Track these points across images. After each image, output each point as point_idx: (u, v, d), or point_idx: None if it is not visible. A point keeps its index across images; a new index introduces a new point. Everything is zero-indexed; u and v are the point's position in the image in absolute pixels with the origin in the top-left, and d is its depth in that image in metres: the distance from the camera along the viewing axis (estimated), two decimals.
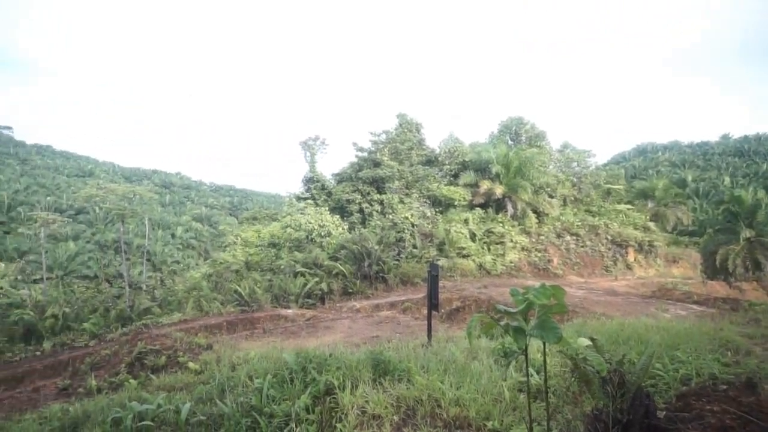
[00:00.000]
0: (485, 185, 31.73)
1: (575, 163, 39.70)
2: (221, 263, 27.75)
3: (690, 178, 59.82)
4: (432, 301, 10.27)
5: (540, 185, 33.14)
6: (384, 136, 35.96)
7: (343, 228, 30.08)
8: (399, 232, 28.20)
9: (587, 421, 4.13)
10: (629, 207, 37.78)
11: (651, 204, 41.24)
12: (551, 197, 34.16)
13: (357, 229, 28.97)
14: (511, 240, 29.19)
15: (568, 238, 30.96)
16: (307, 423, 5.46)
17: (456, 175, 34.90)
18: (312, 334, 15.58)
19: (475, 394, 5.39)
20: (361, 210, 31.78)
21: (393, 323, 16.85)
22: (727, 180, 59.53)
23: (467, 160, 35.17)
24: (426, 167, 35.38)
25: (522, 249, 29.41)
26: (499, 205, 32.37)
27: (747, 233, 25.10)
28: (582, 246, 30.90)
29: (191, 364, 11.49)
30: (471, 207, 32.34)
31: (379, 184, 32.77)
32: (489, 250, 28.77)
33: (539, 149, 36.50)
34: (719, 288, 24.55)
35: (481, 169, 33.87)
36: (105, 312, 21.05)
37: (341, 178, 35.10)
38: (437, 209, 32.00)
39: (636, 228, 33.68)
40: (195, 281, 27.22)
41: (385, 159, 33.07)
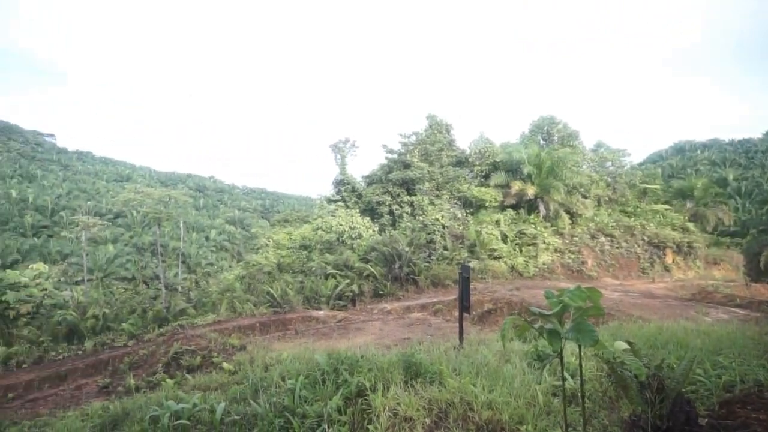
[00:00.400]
0: (517, 186, 31.33)
1: (609, 163, 38.79)
2: (254, 265, 28.18)
3: (731, 176, 57.62)
4: (463, 303, 10.19)
5: (573, 185, 32.51)
6: (414, 137, 35.94)
7: (374, 230, 30.16)
8: (429, 233, 28.10)
9: (625, 427, 4.03)
10: (667, 207, 36.72)
11: (690, 204, 39.94)
12: (585, 198, 33.49)
13: (387, 231, 29.01)
14: (544, 241, 28.73)
15: (602, 239, 30.28)
16: (339, 424, 5.47)
17: (487, 176, 34.56)
18: (343, 335, 15.66)
19: (508, 397, 5.32)
20: (392, 212, 31.80)
21: (424, 325, 16.80)
22: None
23: (498, 160, 34.79)
24: (456, 168, 35.17)
25: (555, 250, 28.92)
26: (531, 206, 31.91)
27: None
28: (617, 247, 30.18)
29: (225, 364, 11.70)
30: (502, 208, 31.97)
31: (410, 185, 32.73)
32: (521, 251, 28.40)
33: (572, 149, 35.83)
34: (764, 291, 23.57)
35: (513, 170, 33.45)
36: (143, 313, 21.62)
37: (371, 180, 35.20)
38: (468, 210, 31.76)
39: (674, 229, 32.71)
40: (228, 283, 27.74)
41: (415, 160, 33.03)
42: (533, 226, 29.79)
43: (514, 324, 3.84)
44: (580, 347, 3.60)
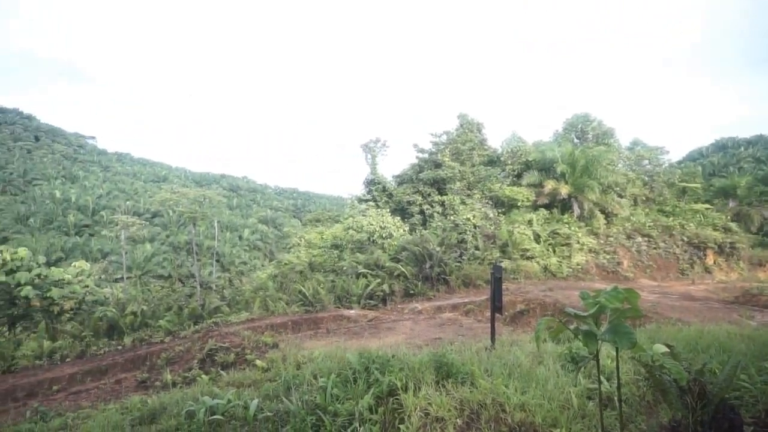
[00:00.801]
0: (550, 185, 30.79)
1: (646, 161, 37.74)
2: (286, 264, 28.50)
3: None
4: (495, 304, 10.06)
5: (608, 184, 31.74)
6: (445, 137, 35.76)
7: (404, 229, 30.11)
8: (461, 233, 27.88)
9: None
10: (707, 206, 35.43)
11: (732, 203, 38.53)
12: (620, 197, 32.67)
13: (418, 231, 28.91)
14: (578, 241, 28.14)
15: (639, 239, 29.45)
16: (371, 423, 5.49)
17: (519, 175, 34.07)
18: (374, 334, 15.69)
19: (541, 399, 5.24)
20: (422, 211, 31.69)
21: (455, 325, 16.68)
22: None
23: (531, 159, 34.24)
24: (488, 167, 34.82)
25: (589, 251, 28.28)
26: (565, 206, 31.30)
27: None
28: (654, 248, 29.31)
29: (258, 361, 11.87)
30: (535, 207, 31.47)
31: (440, 185, 32.57)
32: (554, 251, 27.89)
33: (607, 147, 34.98)
34: None
35: (546, 169, 32.88)
36: (179, 310, 22.08)
37: (402, 179, 35.17)
38: (500, 210, 31.37)
39: (715, 229, 31.55)
40: (261, 281, 28.10)
41: (446, 160, 32.83)
42: (567, 225, 29.21)
43: (548, 325, 3.77)
44: (617, 349, 3.51)
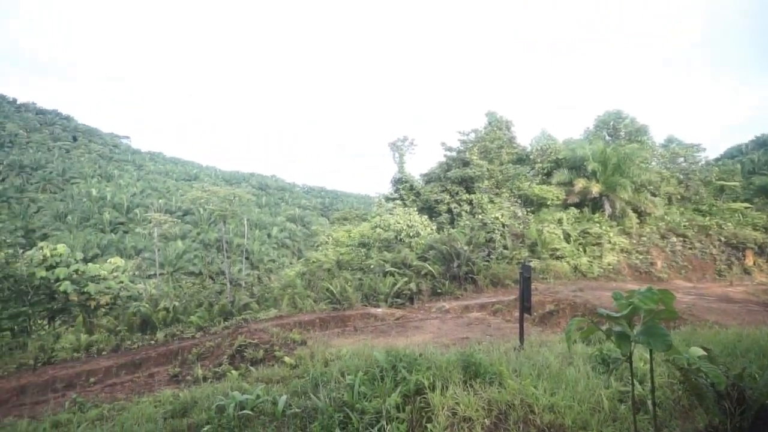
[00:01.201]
0: (580, 183, 30.23)
1: (682, 159, 36.69)
2: (314, 262, 28.75)
3: None
4: (524, 304, 9.94)
5: (641, 183, 30.95)
6: (473, 135, 35.51)
7: (432, 228, 30.01)
8: (489, 232, 27.63)
9: None
10: (747, 206, 34.21)
11: None
12: (654, 195, 31.83)
13: (446, 230, 28.78)
14: (609, 241, 27.54)
15: (673, 239, 28.64)
16: (398, 421, 5.48)
17: (549, 174, 33.56)
18: (401, 333, 15.69)
19: (571, 401, 5.15)
20: (450, 210, 31.54)
21: (483, 325, 16.55)
22: None
23: (561, 157, 33.70)
24: (517, 166, 34.42)
25: (621, 251, 27.65)
26: (596, 205, 30.69)
27: None
28: (690, 248, 28.46)
29: (287, 358, 12.02)
30: (565, 206, 30.94)
31: (468, 183, 32.34)
32: (585, 251, 27.38)
33: (640, 144, 34.12)
34: None
35: (576, 167, 32.29)
36: (209, 306, 22.52)
37: (429, 178, 35.06)
38: (529, 209, 30.96)
39: (755, 229, 30.42)
40: (290, 279, 28.40)
41: (475, 158, 32.59)
42: (598, 225, 28.63)
43: (579, 326, 3.70)
44: (651, 352, 3.42)
